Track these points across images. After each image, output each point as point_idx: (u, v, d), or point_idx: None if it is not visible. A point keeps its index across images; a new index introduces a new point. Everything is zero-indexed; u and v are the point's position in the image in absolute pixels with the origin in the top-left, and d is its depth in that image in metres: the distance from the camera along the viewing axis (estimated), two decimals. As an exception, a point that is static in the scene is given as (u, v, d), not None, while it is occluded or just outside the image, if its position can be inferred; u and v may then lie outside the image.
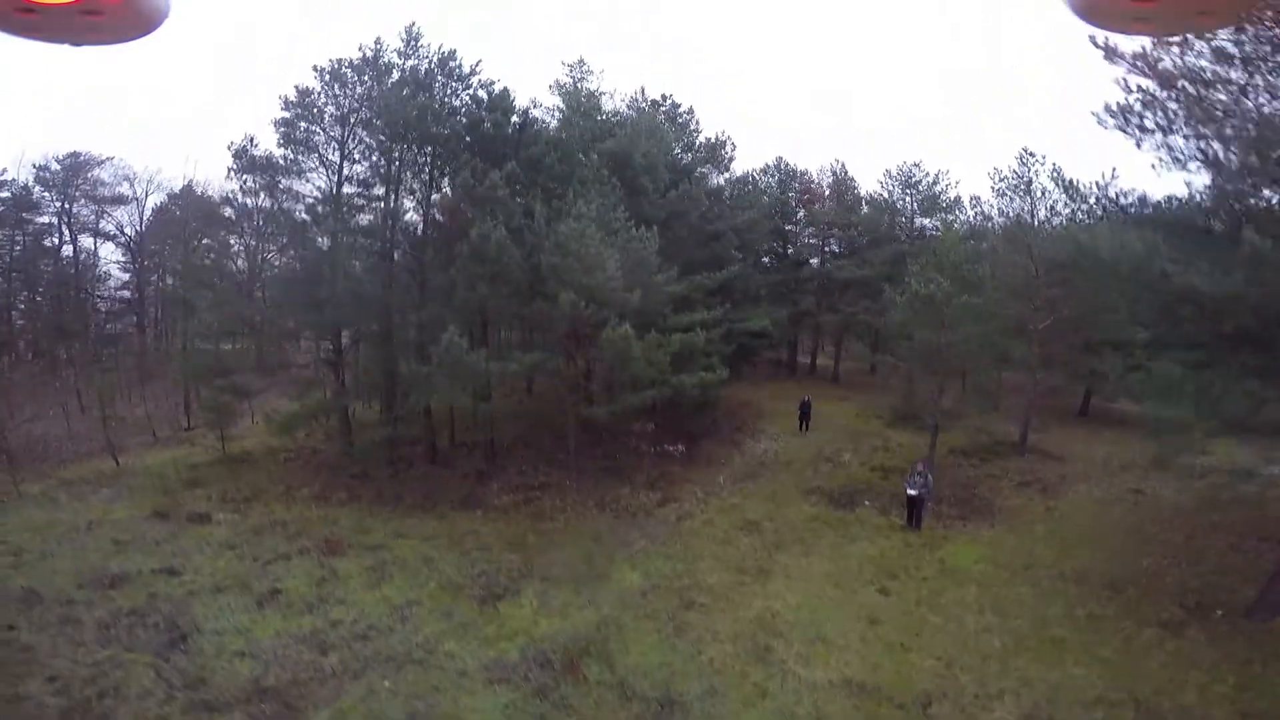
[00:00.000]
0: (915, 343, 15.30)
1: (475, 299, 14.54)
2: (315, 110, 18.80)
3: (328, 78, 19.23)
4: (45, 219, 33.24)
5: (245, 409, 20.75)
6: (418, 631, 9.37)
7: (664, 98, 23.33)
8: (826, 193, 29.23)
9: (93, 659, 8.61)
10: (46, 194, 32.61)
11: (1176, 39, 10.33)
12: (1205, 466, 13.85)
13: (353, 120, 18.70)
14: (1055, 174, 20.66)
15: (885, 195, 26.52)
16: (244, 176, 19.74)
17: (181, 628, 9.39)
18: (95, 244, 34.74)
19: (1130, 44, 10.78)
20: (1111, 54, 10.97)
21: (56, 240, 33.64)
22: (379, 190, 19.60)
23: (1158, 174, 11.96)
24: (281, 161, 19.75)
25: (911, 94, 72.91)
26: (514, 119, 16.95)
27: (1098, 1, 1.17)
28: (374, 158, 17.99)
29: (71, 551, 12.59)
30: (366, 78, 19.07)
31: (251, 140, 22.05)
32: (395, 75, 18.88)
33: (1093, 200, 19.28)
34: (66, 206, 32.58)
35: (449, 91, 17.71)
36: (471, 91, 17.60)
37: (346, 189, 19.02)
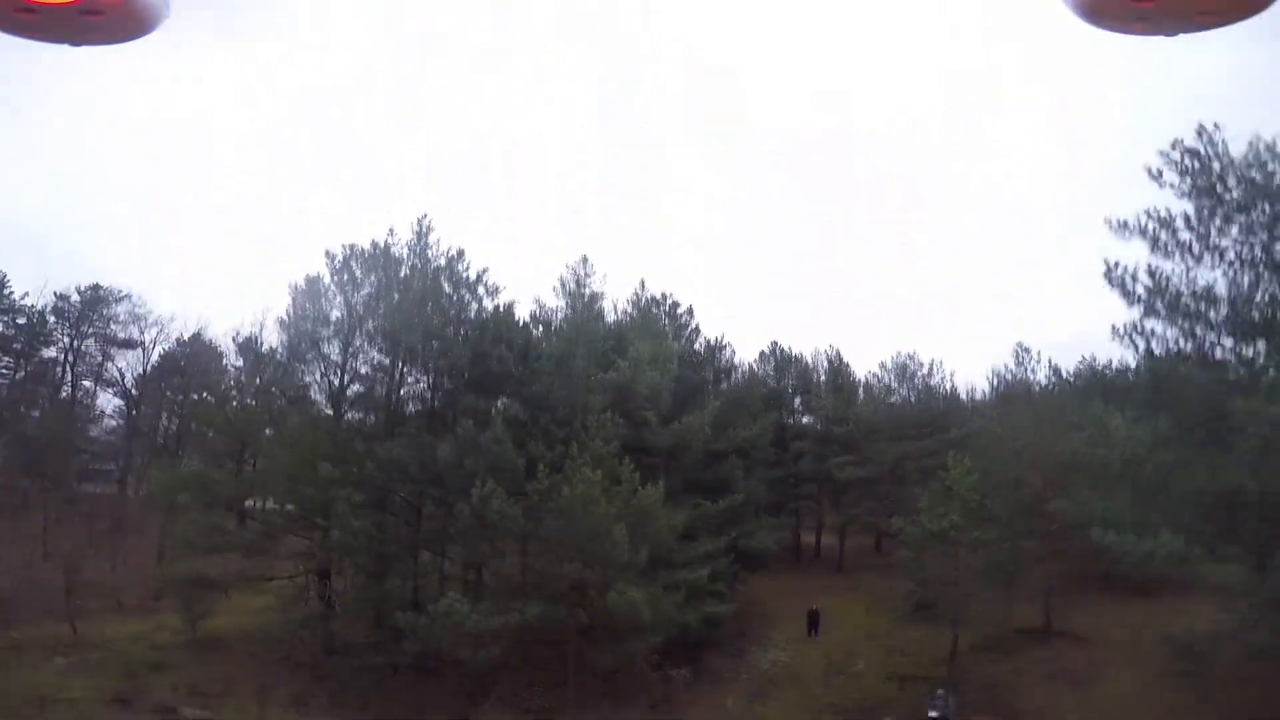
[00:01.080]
0: (928, 572, 16.14)
1: (475, 555, 15.51)
2: (320, 315, 20.50)
3: (337, 266, 21.07)
4: (51, 352, 34.96)
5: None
6: None
7: (664, 296, 25.95)
8: (823, 377, 31.41)
9: None
10: (59, 326, 34.49)
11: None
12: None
13: (358, 324, 20.22)
14: (1052, 372, 22.93)
15: (881, 384, 28.90)
16: (252, 378, 21.29)
17: None
18: (95, 387, 36.08)
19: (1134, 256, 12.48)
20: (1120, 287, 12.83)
21: (58, 375, 35.07)
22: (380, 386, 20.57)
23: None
24: (284, 362, 21.18)
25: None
26: (518, 340, 18.85)
27: (1098, 1, 1.24)
28: (375, 372, 19.59)
29: None
30: (374, 279, 20.73)
31: (256, 339, 23.56)
32: (404, 272, 20.61)
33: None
34: (76, 345, 34.32)
35: (454, 302, 19.54)
36: (478, 305, 19.55)
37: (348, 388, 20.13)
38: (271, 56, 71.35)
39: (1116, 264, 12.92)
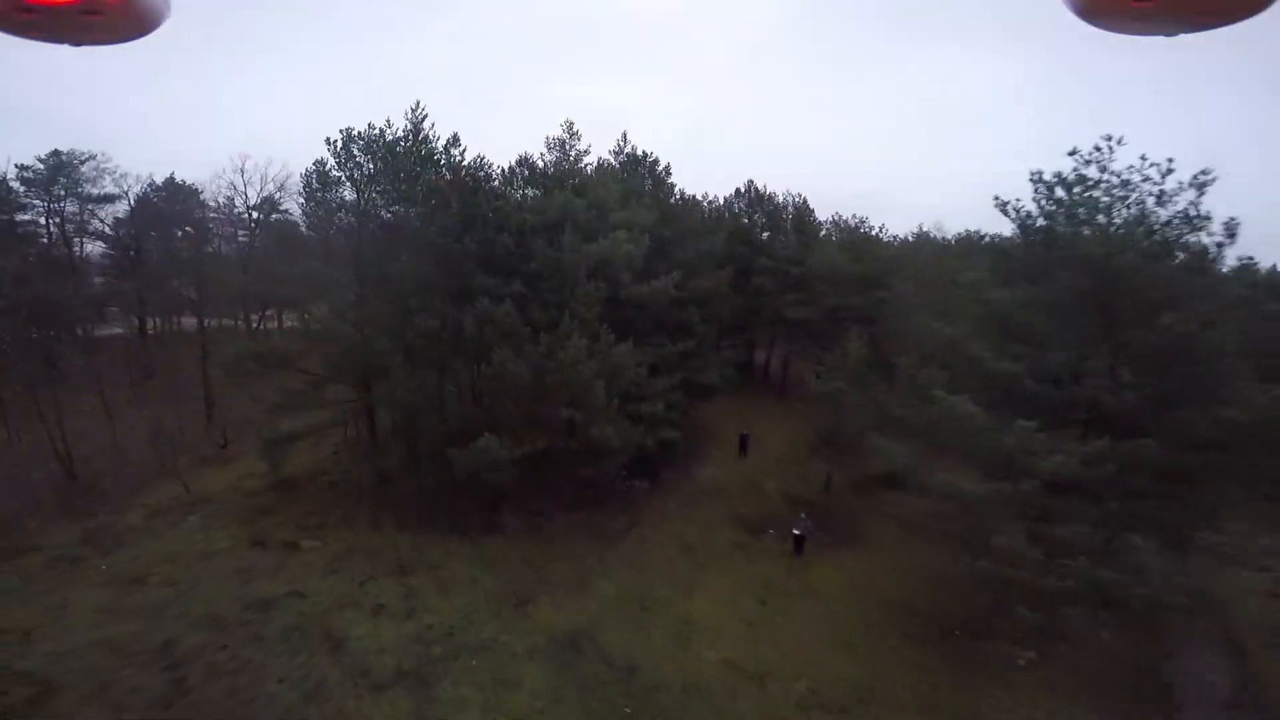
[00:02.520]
0: (823, 421, 23.69)
1: (497, 406, 22.24)
2: (335, 199, 24.98)
3: (339, 149, 25.37)
4: (29, 217, 38.57)
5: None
6: (482, 629, 17.78)
7: (644, 155, 30.29)
8: (790, 216, 36.74)
9: (294, 663, 16.58)
10: (29, 191, 37.74)
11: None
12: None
13: (370, 209, 25.08)
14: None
15: (839, 234, 34.43)
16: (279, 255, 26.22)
17: (334, 637, 17.49)
18: (81, 242, 40.27)
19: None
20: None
21: (47, 238, 39.09)
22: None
23: None
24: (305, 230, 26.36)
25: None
26: (513, 227, 23.77)
27: (1098, 1, 1.38)
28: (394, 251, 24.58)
29: (212, 580, 19.81)
30: (376, 166, 25.05)
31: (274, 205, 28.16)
32: (400, 152, 24.96)
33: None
34: (53, 205, 37.88)
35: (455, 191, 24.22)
36: (476, 193, 24.20)
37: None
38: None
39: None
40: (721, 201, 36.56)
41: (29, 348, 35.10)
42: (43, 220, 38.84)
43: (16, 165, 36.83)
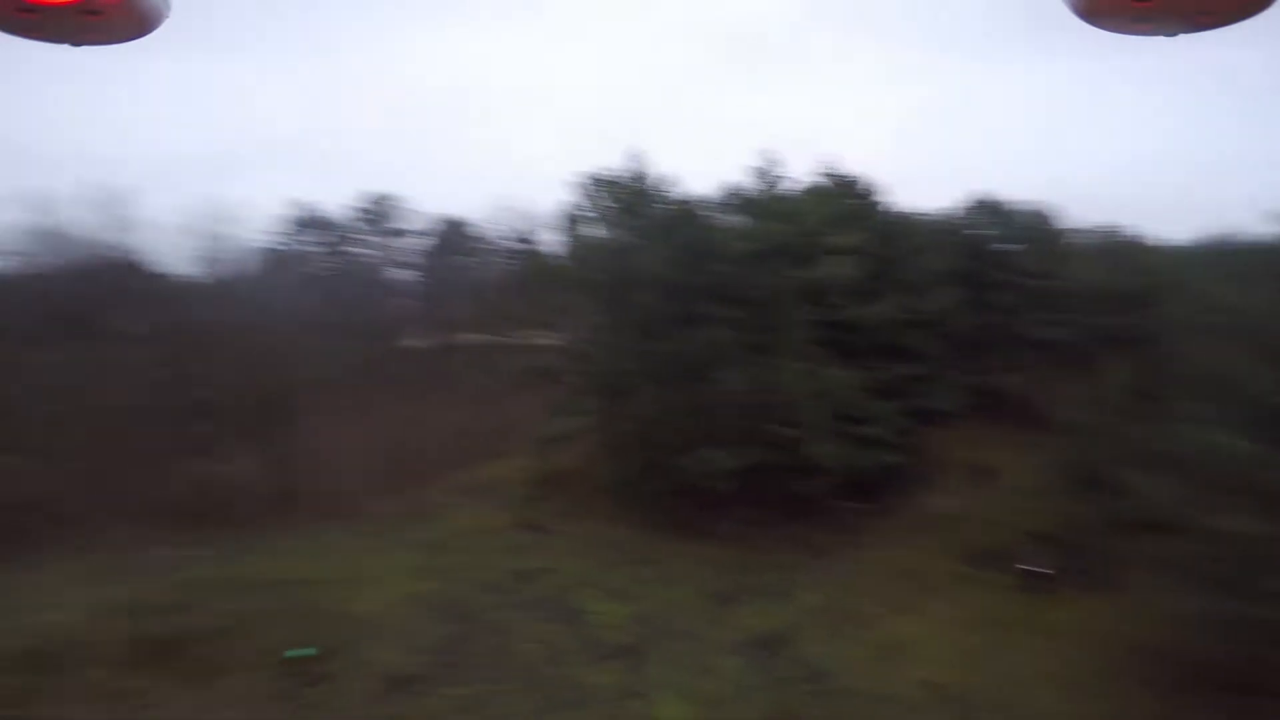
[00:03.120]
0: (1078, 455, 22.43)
1: (719, 422, 25.10)
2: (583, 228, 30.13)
3: (588, 190, 30.42)
4: (359, 250, 51.56)
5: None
6: (692, 619, 20.42)
7: (855, 176, 31.33)
8: (1031, 225, 34.18)
9: (545, 628, 20.66)
10: (365, 227, 50.42)
11: None
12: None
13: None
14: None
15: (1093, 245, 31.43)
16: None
17: (572, 608, 21.42)
18: (395, 271, 52.60)
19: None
20: None
21: (370, 266, 51.92)
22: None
23: None
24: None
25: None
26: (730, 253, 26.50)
27: (1098, 2, 1.43)
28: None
29: (487, 551, 25.30)
30: (616, 205, 29.65)
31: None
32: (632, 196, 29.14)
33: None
34: (383, 241, 50.25)
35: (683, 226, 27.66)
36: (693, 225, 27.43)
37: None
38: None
39: None
40: (951, 212, 35.17)
41: (357, 357, 46.49)
42: (364, 251, 50.96)
43: (357, 208, 49.12)
